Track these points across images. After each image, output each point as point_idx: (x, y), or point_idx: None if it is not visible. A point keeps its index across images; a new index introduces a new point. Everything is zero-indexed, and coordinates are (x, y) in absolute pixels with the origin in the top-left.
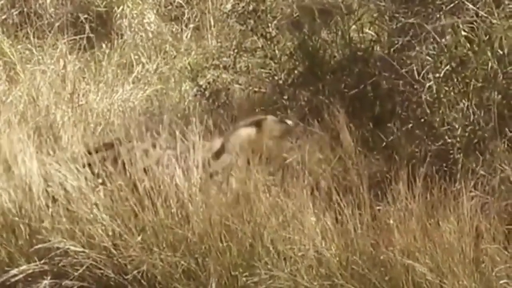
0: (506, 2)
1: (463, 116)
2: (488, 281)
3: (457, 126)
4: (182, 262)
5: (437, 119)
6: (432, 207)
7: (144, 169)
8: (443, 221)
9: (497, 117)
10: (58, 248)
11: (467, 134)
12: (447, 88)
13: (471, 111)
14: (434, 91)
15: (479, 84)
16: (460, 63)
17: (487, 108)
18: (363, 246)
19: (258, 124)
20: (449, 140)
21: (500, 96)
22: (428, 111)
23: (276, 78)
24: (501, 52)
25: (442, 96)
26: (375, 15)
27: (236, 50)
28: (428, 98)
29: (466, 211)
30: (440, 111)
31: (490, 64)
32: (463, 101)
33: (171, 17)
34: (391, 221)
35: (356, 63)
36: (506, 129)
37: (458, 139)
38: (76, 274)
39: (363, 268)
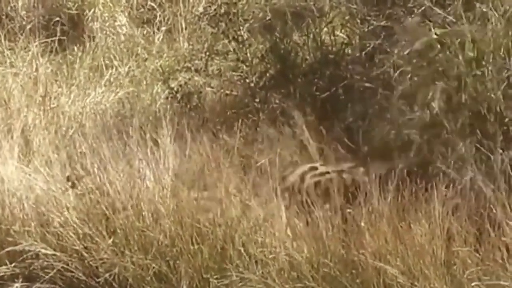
0: (477, 5)
1: (430, 119)
2: (459, 284)
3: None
4: (154, 265)
5: (404, 124)
6: (403, 209)
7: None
8: (415, 223)
9: (465, 119)
10: (29, 251)
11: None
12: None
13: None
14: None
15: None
16: (427, 65)
17: (455, 111)
18: (335, 248)
19: None
20: (417, 144)
21: (469, 99)
22: (394, 115)
23: (247, 81)
24: (471, 55)
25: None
26: (346, 17)
27: (208, 53)
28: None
29: (437, 213)
30: (407, 116)
31: (459, 67)
32: (432, 104)
33: (143, 20)
34: (363, 224)
35: (327, 66)
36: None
37: (424, 142)
38: (47, 277)
39: (334, 270)
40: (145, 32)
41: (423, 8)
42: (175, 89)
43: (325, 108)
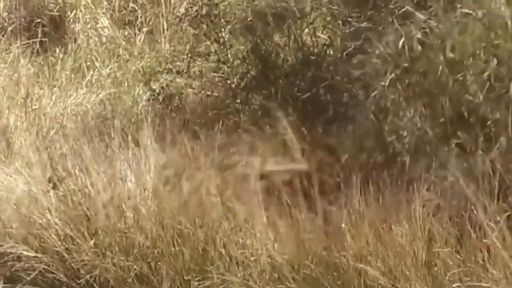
0: (459, 6)
1: (410, 121)
2: (440, 285)
3: (405, 134)
4: (135, 266)
5: (385, 125)
6: (384, 211)
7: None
8: (396, 225)
9: (447, 121)
10: (10, 253)
11: (414, 139)
12: (393, 96)
13: (417, 117)
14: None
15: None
16: (405, 69)
17: (436, 114)
18: (316, 250)
19: None
20: (398, 146)
21: (450, 102)
22: (374, 115)
23: (229, 82)
24: (452, 57)
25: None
26: (328, 19)
27: (189, 55)
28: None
29: (419, 214)
30: (388, 118)
31: (440, 70)
32: (409, 105)
33: (124, 21)
34: (344, 225)
35: (309, 67)
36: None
37: (406, 144)
38: (28, 278)
39: (315, 272)
40: (126, 33)
41: (404, 9)
42: (157, 91)
43: (307, 109)
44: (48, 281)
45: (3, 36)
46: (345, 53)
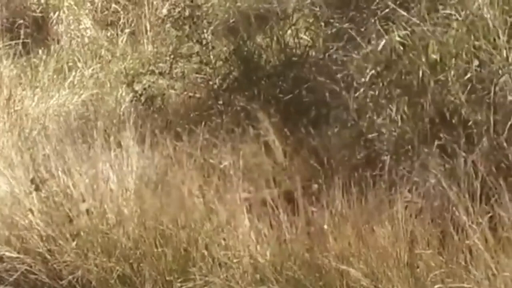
0: (441, 8)
1: (391, 122)
2: (423, 286)
3: (384, 131)
4: (117, 268)
5: (365, 125)
6: (367, 212)
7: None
8: (378, 226)
9: (428, 122)
10: None
11: (395, 139)
12: (372, 93)
13: (399, 117)
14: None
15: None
16: (385, 68)
17: (417, 114)
18: (298, 251)
19: None
20: (378, 146)
21: (432, 102)
22: (355, 116)
23: (211, 83)
24: (434, 57)
25: (368, 101)
26: (310, 20)
27: (172, 56)
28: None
29: (401, 216)
30: (367, 117)
31: (422, 70)
32: (390, 106)
33: (107, 22)
34: (326, 227)
35: (291, 68)
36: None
37: (386, 145)
38: (11, 279)
39: (298, 273)
40: (109, 34)
41: (386, 10)
42: (139, 92)
43: (289, 109)
44: (30, 282)
45: None
46: (327, 54)
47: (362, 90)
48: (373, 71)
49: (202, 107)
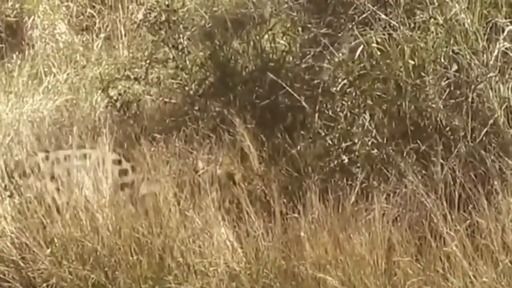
0: (418, 12)
1: (364, 131)
2: None
3: (356, 141)
4: (92, 275)
5: (338, 134)
6: (344, 219)
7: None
8: (355, 233)
9: (405, 128)
10: None
11: (368, 148)
12: (344, 103)
13: (373, 125)
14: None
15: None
16: (359, 76)
17: (394, 119)
18: (274, 259)
19: None
20: (351, 155)
21: (410, 108)
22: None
23: (187, 88)
24: (411, 63)
25: (339, 110)
26: (287, 25)
27: (147, 61)
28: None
29: (378, 223)
30: (339, 127)
31: (399, 75)
32: (364, 115)
33: (82, 27)
34: (303, 234)
35: (267, 74)
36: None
37: (358, 153)
38: None
39: (274, 281)
40: (84, 39)
41: (364, 15)
42: (115, 97)
43: (265, 116)
44: None
45: None
46: (304, 59)
47: (337, 98)
48: (345, 81)
49: (178, 113)
